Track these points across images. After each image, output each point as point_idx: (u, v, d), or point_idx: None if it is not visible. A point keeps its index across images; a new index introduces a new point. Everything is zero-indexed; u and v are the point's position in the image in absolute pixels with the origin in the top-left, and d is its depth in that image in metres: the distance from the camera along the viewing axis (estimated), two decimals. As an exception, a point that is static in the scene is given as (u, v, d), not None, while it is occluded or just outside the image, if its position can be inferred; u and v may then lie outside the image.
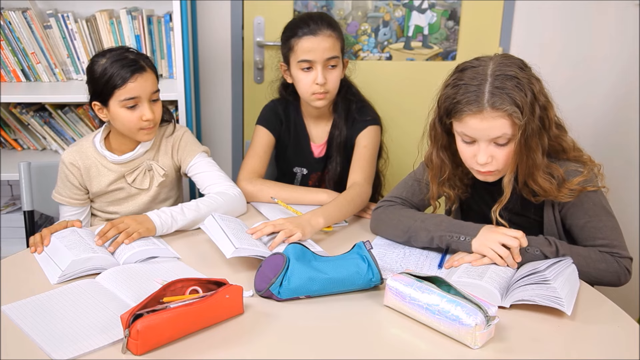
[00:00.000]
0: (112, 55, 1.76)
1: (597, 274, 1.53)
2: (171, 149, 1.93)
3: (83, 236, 1.60)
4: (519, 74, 1.46)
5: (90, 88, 1.80)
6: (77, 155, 1.86)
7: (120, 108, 1.76)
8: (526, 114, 1.44)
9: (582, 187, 1.54)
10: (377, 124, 2.07)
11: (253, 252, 1.53)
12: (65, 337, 1.23)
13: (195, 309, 1.25)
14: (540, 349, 1.28)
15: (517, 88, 1.45)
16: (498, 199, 1.59)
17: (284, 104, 2.15)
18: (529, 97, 1.45)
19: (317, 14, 2.07)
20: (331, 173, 2.10)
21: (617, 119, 2.73)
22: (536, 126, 1.47)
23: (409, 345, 1.30)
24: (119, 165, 1.87)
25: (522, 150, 1.48)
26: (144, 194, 1.91)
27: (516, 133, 1.46)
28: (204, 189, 1.92)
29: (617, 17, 2.69)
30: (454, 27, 2.76)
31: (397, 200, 1.76)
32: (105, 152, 1.85)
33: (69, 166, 1.85)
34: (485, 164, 1.51)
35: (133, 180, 1.87)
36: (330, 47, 1.95)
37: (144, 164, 1.89)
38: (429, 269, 1.57)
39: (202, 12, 2.66)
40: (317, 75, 1.95)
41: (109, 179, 1.87)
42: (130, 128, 1.79)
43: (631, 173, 2.57)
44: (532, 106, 1.46)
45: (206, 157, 1.97)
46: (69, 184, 1.86)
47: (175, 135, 1.95)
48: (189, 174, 1.95)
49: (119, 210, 1.91)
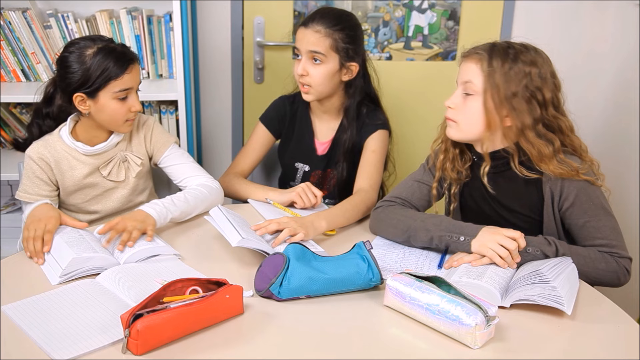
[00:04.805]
0: (102, 46, 1.73)
1: (596, 274, 1.54)
2: (144, 139, 1.91)
3: (84, 235, 1.60)
4: (515, 46, 1.59)
5: (72, 79, 1.72)
6: (45, 150, 1.79)
7: (111, 100, 1.74)
8: (496, 69, 1.55)
9: (576, 172, 1.56)
10: (387, 128, 2.06)
11: (257, 244, 1.53)
12: (65, 337, 1.23)
13: (195, 309, 1.25)
14: (540, 349, 1.28)
15: (503, 51, 1.57)
16: (497, 197, 1.60)
17: (293, 98, 2.14)
18: (509, 63, 1.55)
19: (327, 9, 2.03)
20: (337, 179, 2.10)
21: (617, 118, 2.73)
22: (515, 89, 1.55)
23: (409, 345, 1.30)
24: (91, 157, 1.82)
25: (500, 105, 1.56)
26: (122, 187, 1.88)
27: (487, 87, 1.56)
28: (180, 181, 1.92)
29: (617, 16, 2.69)
30: (454, 27, 2.76)
31: (397, 200, 1.76)
32: (76, 144, 1.80)
33: (38, 161, 1.78)
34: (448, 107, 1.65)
35: (108, 173, 1.84)
36: (314, 42, 1.93)
37: (117, 155, 1.85)
38: (428, 269, 1.57)
39: (202, 12, 2.66)
40: (300, 65, 1.96)
41: (83, 172, 1.82)
42: (117, 120, 1.77)
43: (631, 173, 2.57)
44: (508, 69, 1.55)
45: (178, 148, 1.96)
46: (36, 180, 1.79)
47: (147, 124, 1.92)
48: (162, 165, 1.94)
49: (100, 209, 1.88)
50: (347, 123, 2.04)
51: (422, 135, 2.41)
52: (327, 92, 2.00)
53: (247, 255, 1.58)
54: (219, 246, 1.64)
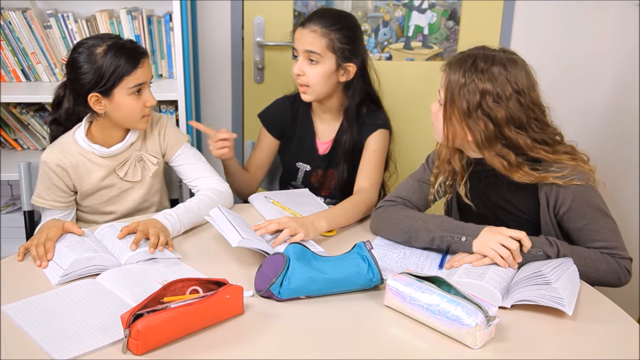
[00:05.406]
0: (112, 43, 1.72)
1: (597, 275, 1.53)
2: (158, 136, 1.90)
3: (83, 237, 1.59)
4: (479, 62, 1.53)
5: (85, 79, 1.71)
6: (62, 155, 1.78)
7: (126, 96, 1.73)
8: (452, 84, 1.54)
9: (568, 181, 1.53)
10: (388, 128, 2.06)
11: (257, 244, 1.53)
12: (66, 337, 1.23)
13: (195, 309, 1.25)
14: (540, 349, 1.28)
15: (463, 65, 1.54)
16: (495, 199, 1.59)
17: (294, 98, 2.14)
18: (465, 78, 1.52)
19: (325, 9, 2.03)
20: (337, 180, 2.10)
21: (617, 118, 2.73)
22: (466, 107, 1.53)
23: (409, 345, 1.30)
24: (108, 159, 1.81)
25: (453, 119, 1.56)
26: (138, 187, 1.88)
27: (445, 100, 1.57)
28: (191, 181, 1.91)
29: (617, 16, 2.69)
30: (454, 27, 2.76)
31: (398, 200, 1.76)
32: (93, 146, 1.79)
33: (55, 168, 1.77)
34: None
35: (125, 174, 1.83)
36: (310, 41, 1.93)
37: (133, 156, 1.84)
38: (429, 269, 1.57)
39: (202, 12, 2.66)
40: (297, 65, 1.97)
41: (100, 174, 1.81)
42: (134, 116, 1.77)
43: (631, 173, 2.57)
44: (462, 86, 1.53)
45: (190, 147, 1.96)
46: (53, 187, 1.78)
47: (160, 122, 1.92)
48: (173, 163, 1.93)
49: (116, 209, 1.88)
50: (347, 124, 2.04)
51: (422, 135, 2.41)
52: (325, 92, 2.00)
53: (247, 255, 1.58)
54: (219, 246, 1.64)
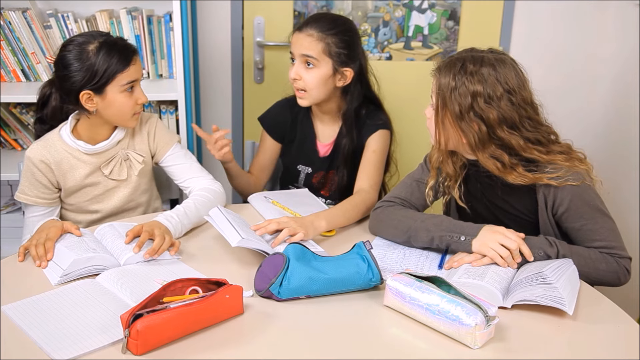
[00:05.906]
0: (103, 41, 1.71)
1: (597, 274, 1.53)
2: (147, 136, 1.89)
3: (83, 237, 1.59)
4: (468, 65, 1.52)
5: (76, 77, 1.69)
6: (45, 151, 1.77)
7: (119, 93, 1.72)
8: (443, 88, 1.54)
9: (563, 182, 1.53)
10: (388, 128, 2.06)
11: (257, 244, 1.53)
12: (65, 337, 1.23)
13: (195, 309, 1.25)
14: (540, 349, 1.28)
15: (452, 69, 1.53)
16: (493, 200, 1.59)
17: (294, 101, 2.12)
18: (455, 82, 1.52)
19: (323, 14, 2.05)
20: (337, 183, 2.10)
21: (617, 118, 2.73)
22: (458, 110, 1.52)
23: (409, 345, 1.30)
24: (93, 156, 1.80)
25: (445, 123, 1.56)
26: (124, 186, 1.86)
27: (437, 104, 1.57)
28: (182, 181, 1.91)
29: (617, 16, 2.69)
30: (454, 27, 2.76)
31: (397, 200, 1.76)
32: (78, 143, 1.77)
33: (38, 164, 1.76)
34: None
35: (110, 172, 1.82)
36: (306, 46, 1.93)
37: (119, 154, 1.83)
38: (429, 269, 1.57)
39: (202, 12, 2.66)
40: (293, 69, 1.97)
41: (84, 171, 1.80)
42: (125, 113, 1.76)
43: (631, 173, 2.57)
44: (453, 89, 1.52)
45: (181, 147, 1.95)
46: (36, 183, 1.78)
47: (150, 122, 1.91)
48: (164, 164, 1.92)
49: (101, 208, 1.87)
50: (346, 129, 2.03)
51: (422, 135, 2.40)
52: (322, 96, 1.99)
53: (247, 255, 1.58)
54: (219, 246, 1.64)
